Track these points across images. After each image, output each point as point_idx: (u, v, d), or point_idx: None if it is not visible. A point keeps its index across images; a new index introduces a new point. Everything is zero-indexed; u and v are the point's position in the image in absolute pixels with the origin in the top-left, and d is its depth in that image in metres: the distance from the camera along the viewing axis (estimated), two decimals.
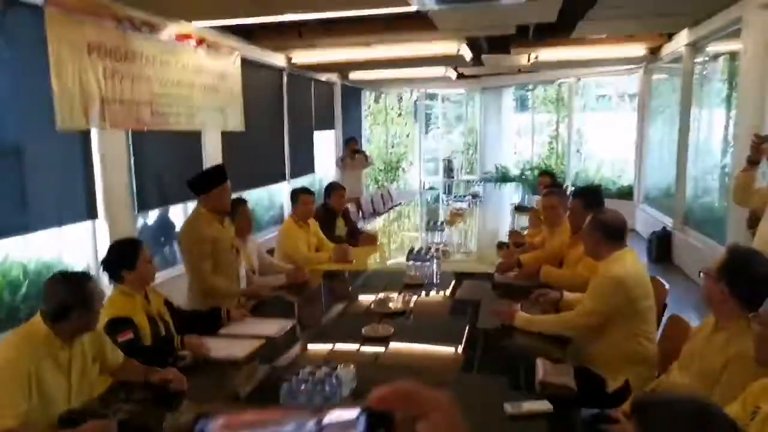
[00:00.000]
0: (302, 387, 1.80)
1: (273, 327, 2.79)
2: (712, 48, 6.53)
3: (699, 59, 6.95)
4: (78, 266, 4.32)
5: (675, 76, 7.86)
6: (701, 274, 2.04)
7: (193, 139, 5.64)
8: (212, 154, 5.88)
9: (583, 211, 3.46)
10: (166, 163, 5.31)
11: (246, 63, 6.39)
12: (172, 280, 5.05)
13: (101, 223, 4.39)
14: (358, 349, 2.54)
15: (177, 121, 4.94)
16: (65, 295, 2.03)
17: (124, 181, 4.60)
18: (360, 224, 7.75)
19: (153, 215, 5.49)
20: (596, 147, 11.21)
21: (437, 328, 2.96)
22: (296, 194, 4.36)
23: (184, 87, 5.06)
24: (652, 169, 9.23)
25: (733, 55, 5.88)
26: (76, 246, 4.48)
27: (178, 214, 5.84)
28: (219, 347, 2.56)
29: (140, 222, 5.26)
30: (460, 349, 2.64)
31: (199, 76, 5.32)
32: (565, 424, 1.86)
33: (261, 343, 2.61)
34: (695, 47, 6.77)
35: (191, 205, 5.79)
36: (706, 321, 2.09)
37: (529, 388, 2.09)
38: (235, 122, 6.04)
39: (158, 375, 2.19)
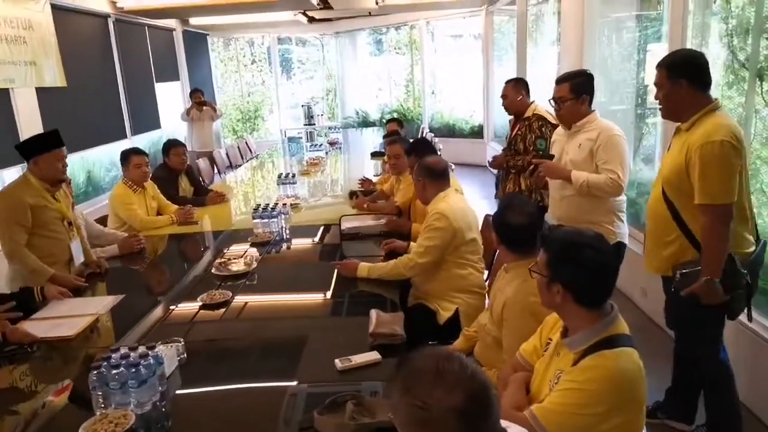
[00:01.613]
0: (113, 372, 1.67)
1: (97, 305, 2.58)
2: None
3: (532, 1, 7.31)
4: None
5: (513, 17, 8.22)
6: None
7: (1, 98, 4.93)
8: (27, 114, 5.20)
9: None
10: None
11: (59, 10, 5.65)
12: None
13: None
14: (192, 320, 2.43)
15: None
16: None
17: None
18: (216, 179, 7.42)
19: None
20: (449, 88, 11.54)
21: (292, 281, 2.94)
22: (126, 156, 4.00)
23: None
24: (499, 107, 9.71)
25: None
26: None
27: None
28: (45, 329, 2.33)
29: None
30: (328, 295, 2.65)
31: None
32: (391, 369, 1.93)
33: (93, 320, 2.43)
34: None
35: (8, 173, 5.18)
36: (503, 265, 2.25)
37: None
38: (53, 77, 5.37)
39: None
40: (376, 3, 8.29)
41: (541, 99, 7.27)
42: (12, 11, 4.82)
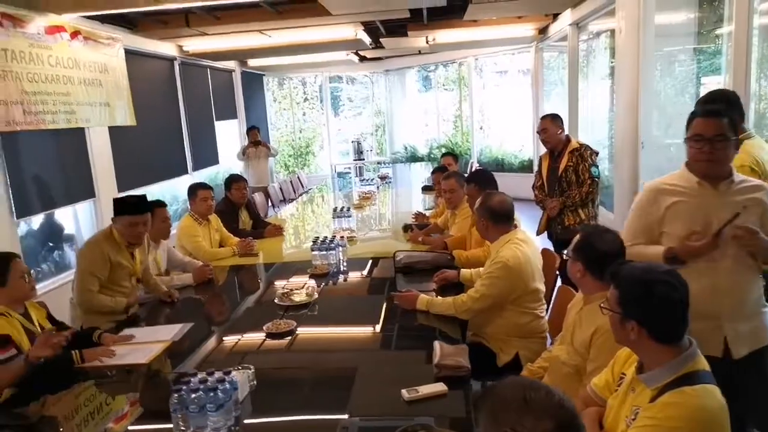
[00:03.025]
0: (192, 396, 1.74)
1: (168, 333, 2.68)
2: (594, 26, 6.90)
3: (583, 37, 7.34)
4: None
5: (563, 53, 8.25)
6: (565, 255, 2.18)
7: (77, 136, 5.28)
8: (100, 152, 5.54)
9: (479, 194, 3.59)
10: (47, 164, 4.95)
11: (131, 54, 6.04)
12: (66, 287, 4.76)
13: None
14: (259, 348, 2.50)
15: (54, 119, 4.59)
16: None
17: None
18: (270, 213, 7.63)
19: (38, 220, 5.11)
20: (498, 123, 11.57)
21: (349, 313, 2.99)
22: (194, 190, 4.19)
23: (60, 83, 4.70)
24: None
25: (613, 32, 6.23)
26: None
27: (67, 216, 5.48)
28: (119, 356, 2.44)
29: (23, 228, 4.88)
30: (378, 328, 2.68)
31: (77, 70, 4.96)
32: (459, 402, 1.93)
33: (166, 346, 2.53)
34: (578, 26, 7.14)
35: (80, 207, 5.49)
36: (578, 296, 2.22)
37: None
38: (124, 116, 5.71)
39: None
40: (427, 42, 8.49)
41: (596, 134, 7.29)
42: (91, 56, 5.19)
